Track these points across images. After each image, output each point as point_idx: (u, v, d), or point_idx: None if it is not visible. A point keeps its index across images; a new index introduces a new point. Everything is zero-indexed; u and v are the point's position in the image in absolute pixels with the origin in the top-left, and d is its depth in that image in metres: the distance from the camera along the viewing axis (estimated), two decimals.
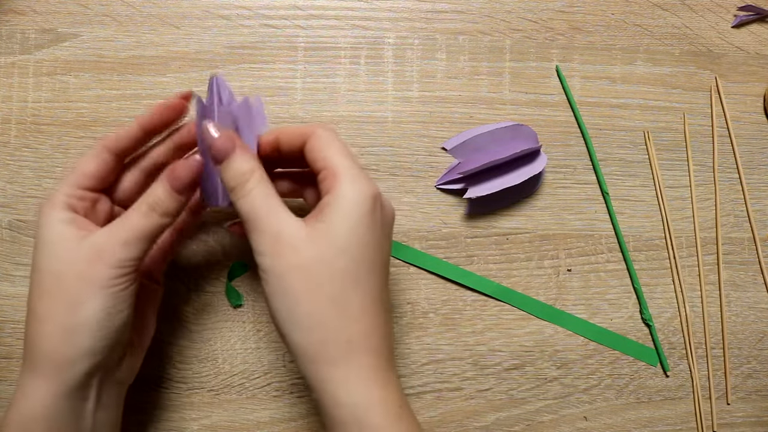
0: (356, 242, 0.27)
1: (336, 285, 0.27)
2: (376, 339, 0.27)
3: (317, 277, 0.26)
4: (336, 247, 0.26)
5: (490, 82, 0.40)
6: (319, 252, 0.26)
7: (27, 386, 0.27)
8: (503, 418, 0.39)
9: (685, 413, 0.39)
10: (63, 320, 0.27)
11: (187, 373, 0.38)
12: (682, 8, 0.42)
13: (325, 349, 0.26)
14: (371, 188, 0.28)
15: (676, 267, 0.40)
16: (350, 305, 0.27)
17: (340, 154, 0.28)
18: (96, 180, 0.30)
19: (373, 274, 0.28)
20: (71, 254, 0.27)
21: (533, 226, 0.40)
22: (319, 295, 0.26)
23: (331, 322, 0.26)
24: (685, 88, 0.41)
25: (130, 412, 0.36)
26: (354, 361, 0.27)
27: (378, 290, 0.28)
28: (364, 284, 0.27)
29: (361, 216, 0.27)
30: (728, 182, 0.41)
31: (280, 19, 0.40)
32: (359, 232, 0.27)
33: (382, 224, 0.28)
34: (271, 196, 0.28)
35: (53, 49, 0.39)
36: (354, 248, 0.27)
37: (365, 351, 0.27)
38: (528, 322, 0.39)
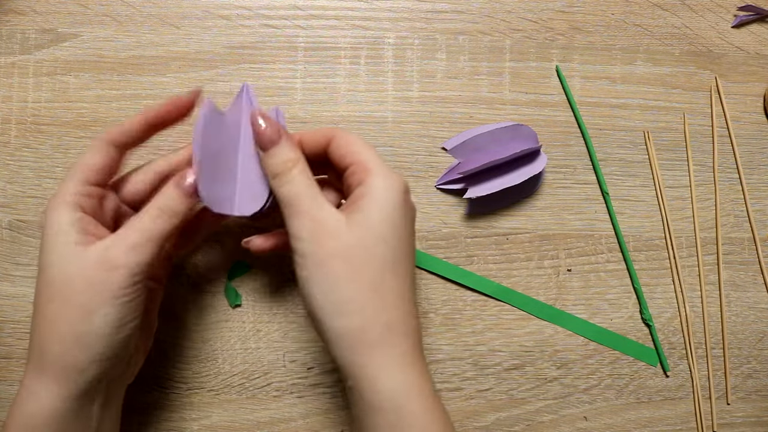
0: (392, 230, 0.28)
1: (376, 271, 0.27)
2: (411, 324, 0.28)
3: (358, 264, 0.27)
4: (374, 235, 0.27)
5: (490, 82, 0.40)
6: (358, 239, 0.27)
7: (34, 388, 0.27)
8: (503, 418, 0.39)
9: (685, 413, 0.39)
10: (75, 326, 0.27)
11: (187, 373, 0.38)
12: (682, 8, 0.42)
13: (364, 334, 0.27)
14: (402, 181, 0.29)
15: (676, 267, 0.40)
16: (389, 291, 0.28)
17: (368, 150, 0.29)
18: (102, 174, 0.29)
19: (407, 261, 0.29)
20: (81, 259, 0.27)
21: (533, 226, 0.40)
22: (359, 281, 0.27)
23: (370, 307, 0.27)
24: (685, 88, 0.41)
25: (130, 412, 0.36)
26: (392, 347, 0.27)
27: (411, 277, 0.29)
28: (400, 270, 0.28)
29: (395, 206, 0.28)
30: (728, 182, 0.41)
31: (280, 19, 0.40)
32: (395, 221, 0.28)
33: (411, 215, 0.30)
34: (313, 185, 0.29)
35: (53, 49, 0.39)
36: (390, 236, 0.28)
37: (403, 336, 0.28)
38: (528, 322, 0.39)
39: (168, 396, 0.38)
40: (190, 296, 0.38)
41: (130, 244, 0.27)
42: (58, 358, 0.27)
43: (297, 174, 0.29)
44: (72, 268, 0.27)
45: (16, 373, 0.37)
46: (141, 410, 0.37)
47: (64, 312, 0.27)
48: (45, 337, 0.27)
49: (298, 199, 0.28)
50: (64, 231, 0.27)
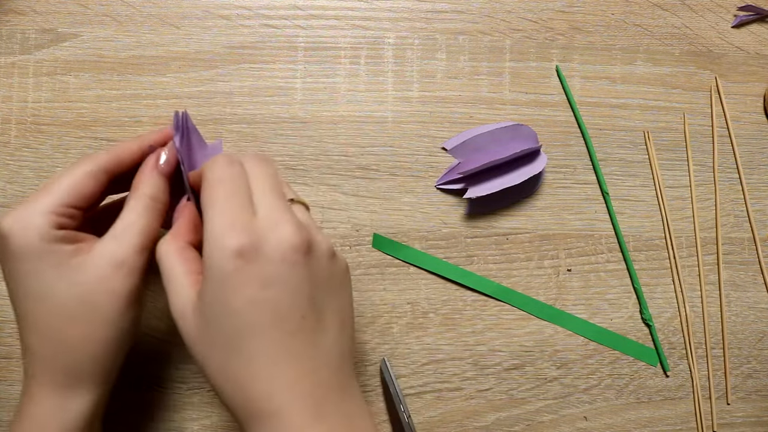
0: (223, 311, 0.24)
1: (218, 356, 0.25)
2: (279, 402, 0.24)
3: (203, 347, 0.25)
4: (206, 318, 0.24)
5: (490, 82, 0.40)
6: (197, 323, 0.25)
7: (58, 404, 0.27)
8: (503, 418, 0.39)
9: (685, 413, 0.39)
10: (104, 337, 0.27)
11: (187, 373, 0.38)
12: (682, 8, 0.42)
13: (234, 413, 0.25)
14: (233, 241, 0.24)
15: (676, 267, 0.40)
16: (238, 375, 0.24)
17: (213, 199, 0.25)
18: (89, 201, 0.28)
19: (257, 336, 0.24)
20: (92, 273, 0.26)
21: (533, 226, 0.40)
22: (210, 364, 0.25)
23: (227, 390, 0.25)
24: (685, 88, 0.41)
25: (130, 412, 0.36)
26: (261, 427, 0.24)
27: (274, 349, 0.24)
28: (247, 350, 0.24)
29: (221, 281, 0.24)
30: (728, 182, 0.41)
31: (280, 19, 0.40)
32: (223, 300, 0.24)
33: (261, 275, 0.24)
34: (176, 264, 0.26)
35: (53, 49, 0.39)
36: (222, 317, 0.24)
37: (268, 416, 0.24)
38: (528, 322, 0.39)
39: (168, 396, 0.38)
40: None
41: (138, 246, 0.27)
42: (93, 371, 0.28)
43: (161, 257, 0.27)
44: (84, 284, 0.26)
45: (16, 373, 0.37)
46: (141, 410, 0.37)
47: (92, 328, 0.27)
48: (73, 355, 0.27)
49: (163, 281, 0.26)
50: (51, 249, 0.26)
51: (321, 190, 0.39)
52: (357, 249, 0.39)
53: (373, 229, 0.39)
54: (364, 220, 0.39)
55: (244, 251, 0.24)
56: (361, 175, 0.39)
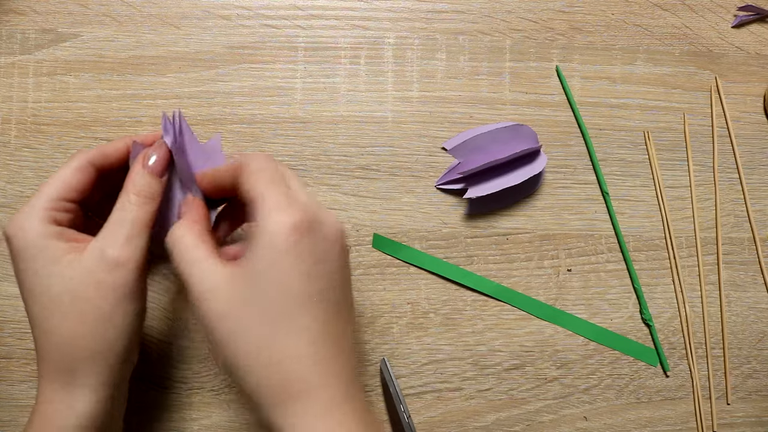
0: (276, 281, 0.25)
1: (259, 329, 0.25)
2: (317, 378, 0.25)
3: (241, 322, 0.25)
4: (254, 289, 0.25)
5: (490, 82, 0.40)
6: (239, 295, 0.25)
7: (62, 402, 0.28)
8: (503, 418, 0.39)
9: (685, 413, 0.39)
10: (99, 333, 0.27)
11: (187, 373, 0.38)
12: (682, 8, 0.42)
13: (262, 394, 0.25)
14: (291, 217, 0.25)
15: (676, 267, 0.40)
16: (280, 348, 0.25)
17: (264, 182, 0.26)
18: (78, 193, 0.29)
19: (302, 312, 0.25)
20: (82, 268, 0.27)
21: (533, 226, 0.40)
22: (246, 340, 0.25)
23: (262, 366, 0.25)
24: (685, 88, 0.41)
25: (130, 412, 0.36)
26: (295, 405, 0.24)
27: (316, 326, 0.25)
28: (293, 324, 0.25)
29: (278, 251, 0.25)
30: (728, 182, 0.41)
31: (280, 19, 0.40)
32: (279, 270, 0.25)
33: (317, 254, 0.25)
34: (197, 245, 0.27)
35: (53, 49, 0.39)
36: (274, 288, 0.25)
37: (305, 393, 0.25)
38: (528, 322, 0.39)
39: (168, 396, 0.38)
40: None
41: (124, 237, 0.27)
42: (91, 368, 0.28)
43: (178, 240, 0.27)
44: (74, 279, 0.27)
45: (16, 373, 0.37)
46: (141, 410, 0.37)
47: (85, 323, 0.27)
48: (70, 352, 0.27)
49: (180, 265, 0.27)
50: (46, 246, 0.27)
51: (321, 190, 0.39)
52: (357, 249, 0.39)
53: (373, 229, 0.39)
54: (364, 220, 0.39)
55: (301, 226, 0.25)
56: (361, 175, 0.39)
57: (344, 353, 0.26)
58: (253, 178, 0.27)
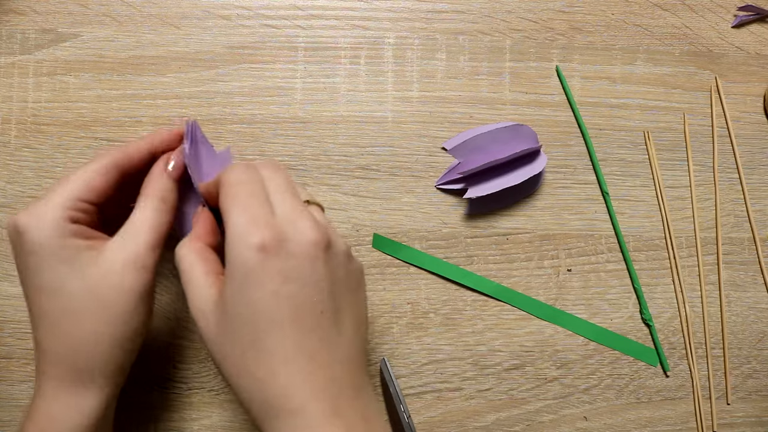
0: (244, 305, 0.24)
1: (236, 352, 0.25)
2: (299, 398, 0.24)
3: (222, 345, 0.25)
4: (227, 314, 0.25)
5: (490, 82, 0.40)
6: (217, 319, 0.25)
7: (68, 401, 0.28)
8: (503, 418, 0.39)
9: (685, 413, 0.39)
10: (114, 333, 0.27)
11: (187, 373, 0.38)
12: (682, 8, 0.42)
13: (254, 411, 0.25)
14: (256, 237, 0.24)
15: (676, 267, 0.40)
16: (256, 371, 0.25)
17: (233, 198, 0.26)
18: (100, 196, 0.29)
19: (276, 331, 0.24)
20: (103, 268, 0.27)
21: (533, 226, 0.40)
22: (229, 361, 0.25)
23: (246, 386, 0.25)
24: (685, 88, 0.41)
25: (130, 412, 0.36)
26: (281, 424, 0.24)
27: (291, 345, 0.25)
28: (266, 346, 0.25)
29: (244, 275, 0.24)
30: (728, 182, 0.41)
31: (280, 19, 0.40)
32: (245, 294, 0.24)
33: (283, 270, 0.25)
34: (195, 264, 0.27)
35: (53, 49, 0.39)
36: (243, 312, 0.24)
37: (288, 413, 0.24)
38: (528, 322, 0.39)
39: (168, 396, 0.38)
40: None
41: (149, 242, 0.28)
42: (102, 368, 0.28)
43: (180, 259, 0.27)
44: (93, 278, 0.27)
45: (16, 373, 0.37)
46: (141, 410, 0.37)
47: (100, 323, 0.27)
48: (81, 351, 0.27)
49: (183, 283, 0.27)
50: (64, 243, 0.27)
51: (321, 190, 0.39)
52: (357, 249, 0.39)
53: (373, 229, 0.39)
54: (364, 220, 0.39)
55: (267, 245, 0.24)
56: (361, 175, 0.39)
57: (327, 368, 0.25)
58: (225, 193, 0.26)
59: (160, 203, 0.28)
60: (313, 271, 0.25)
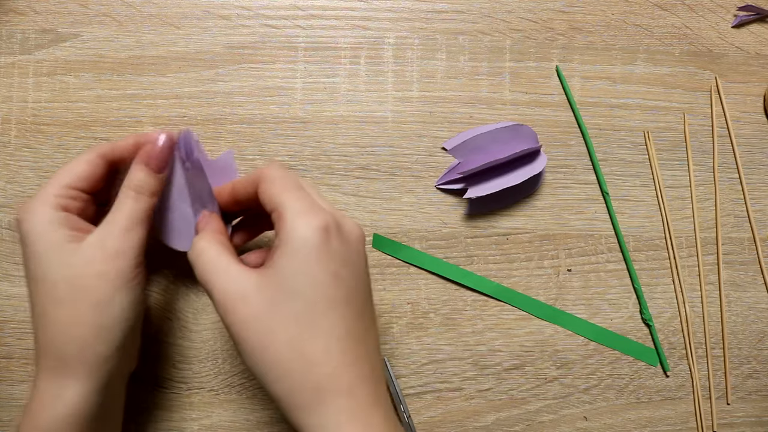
0: (305, 283, 0.25)
1: (291, 330, 0.25)
2: (348, 380, 0.25)
3: (271, 326, 0.25)
4: (285, 291, 0.25)
5: (490, 82, 0.40)
6: (267, 299, 0.25)
7: (55, 392, 0.28)
8: (503, 418, 0.39)
9: (685, 413, 0.39)
10: (93, 321, 0.27)
11: (187, 373, 0.38)
12: (682, 8, 0.42)
13: (295, 397, 0.25)
14: (318, 220, 0.26)
15: (676, 267, 0.40)
16: (311, 349, 0.25)
17: (287, 189, 0.27)
18: (87, 182, 0.29)
19: (333, 310, 0.26)
20: (80, 256, 0.27)
21: (533, 226, 0.40)
22: (276, 344, 0.25)
23: (294, 369, 0.25)
24: (685, 88, 0.41)
25: (130, 412, 0.36)
26: (327, 407, 0.25)
27: (344, 327, 0.26)
28: (323, 324, 0.25)
29: (308, 254, 0.25)
30: (728, 182, 0.41)
31: (280, 19, 0.40)
32: (308, 272, 0.25)
33: (343, 255, 0.26)
34: (221, 254, 0.27)
35: (53, 49, 0.39)
36: (303, 290, 0.25)
37: (337, 394, 0.25)
38: (528, 322, 0.39)
39: (168, 396, 0.38)
40: (190, 296, 0.38)
41: (122, 228, 0.28)
42: (79, 356, 0.27)
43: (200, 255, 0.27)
44: (74, 267, 0.27)
45: (16, 373, 0.37)
46: (141, 410, 0.37)
47: (79, 312, 0.27)
48: (59, 339, 0.28)
49: (206, 275, 0.27)
50: (51, 232, 0.27)
51: (321, 190, 0.39)
52: None
53: (373, 229, 0.39)
54: (364, 220, 0.39)
55: (329, 228, 0.26)
56: (361, 175, 0.39)
57: (370, 356, 0.27)
58: (275, 185, 0.27)
59: (133, 193, 0.29)
60: (360, 261, 0.28)
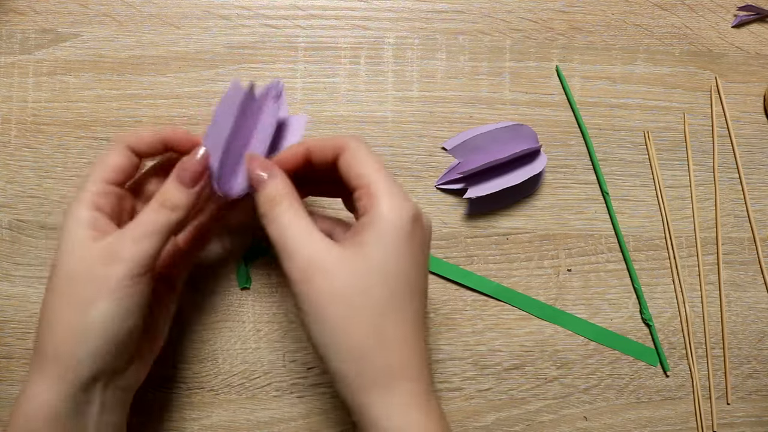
0: (395, 268, 0.26)
1: (375, 313, 0.25)
2: (416, 366, 0.26)
3: (354, 305, 0.25)
4: (373, 274, 0.26)
5: (490, 82, 0.40)
6: (354, 278, 0.25)
7: (33, 387, 0.27)
8: (503, 418, 0.39)
9: (685, 413, 0.39)
10: (72, 320, 0.27)
11: (187, 373, 0.38)
12: (682, 8, 0.42)
13: (362, 379, 0.26)
14: (411, 209, 0.26)
15: (676, 267, 0.40)
16: (390, 334, 0.26)
17: (377, 170, 0.27)
18: (120, 174, 0.29)
19: (412, 300, 0.27)
20: (85, 254, 0.27)
21: (533, 226, 0.40)
22: (357, 324, 0.25)
23: (370, 351, 0.25)
24: (685, 88, 0.41)
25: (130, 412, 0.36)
26: (394, 388, 0.26)
27: (418, 317, 0.27)
28: (404, 312, 0.26)
29: (399, 240, 0.26)
30: (728, 182, 0.41)
31: (280, 19, 0.40)
32: (398, 258, 0.26)
33: (424, 245, 0.27)
34: (302, 219, 0.27)
35: (53, 49, 0.39)
36: (392, 275, 0.26)
37: (406, 378, 0.26)
38: (528, 322, 0.39)
39: (168, 396, 0.38)
40: (190, 296, 0.38)
41: (132, 237, 0.27)
42: (55, 355, 0.27)
43: (282, 212, 0.27)
44: (76, 264, 0.27)
45: (17, 373, 0.37)
46: (141, 410, 0.37)
47: (64, 308, 0.27)
48: (44, 335, 0.28)
49: (285, 239, 0.26)
50: (76, 231, 0.28)
51: None
52: None
53: None
54: None
55: (418, 217, 0.27)
56: None
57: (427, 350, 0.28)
58: (366, 162, 0.27)
59: (158, 205, 0.28)
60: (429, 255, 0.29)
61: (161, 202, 0.28)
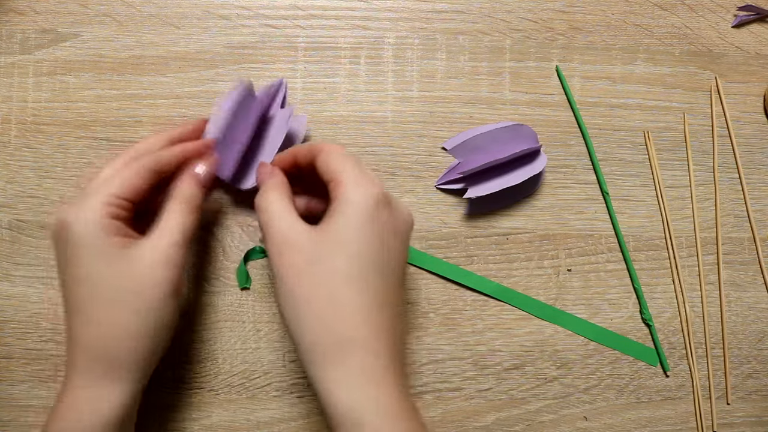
0: (356, 245, 0.27)
1: (335, 284, 0.27)
2: (376, 341, 0.27)
3: (317, 277, 0.27)
4: (337, 247, 0.27)
5: (490, 82, 0.40)
6: (320, 252, 0.27)
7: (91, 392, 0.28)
8: (503, 418, 0.39)
9: (685, 413, 0.39)
10: (143, 324, 0.28)
11: (187, 373, 0.38)
12: (682, 8, 0.42)
13: (322, 349, 0.27)
14: (374, 189, 0.28)
15: (676, 267, 0.40)
16: (349, 305, 0.27)
17: (344, 162, 0.30)
18: (136, 194, 0.30)
19: (379, 275, 0.28)
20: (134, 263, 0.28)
21: (533, 226, 0.40)
22: (318, 295, 0.27)
23: (328, 321, 0.27)
24: (685, 88, 0.41)
25: None
26: (351, 362, 0.26)
27: (384, 293, 0.28)
28: (367, 284, 0.27)
29: (363, 219, 0.28)
30: (728, 182, 0.41)
31: (280, 19, 0.40)
32: (360, 235, 0.27)
33: (393, 226, 0.29)
34: (285, 204, 0.30)
35: (53, 49, 0.39)
36: (355, 251, 0.27)
37: (364, 352, 0.27)
38: (528, 322, 0.39)
39: (168, 396, 0.38)
40: (189, 296, 0.38)
41: (173, 240, 0.29)
42: (131, 356, 0.29)
43: (270, 202, 0.30)
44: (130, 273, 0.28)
45: (16, 373, 0.37)
46: (141, 410, 0.37)
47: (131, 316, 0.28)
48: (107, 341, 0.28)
49: (269, 222, 0.29)
50: (102, 237, 0.28)
51: None
52: None
53: None
54: None
55: (382, 199, 0.28)
56: None
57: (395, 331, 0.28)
58: (334, 157, 0.30)
59: (186, 206, 0.31)
60: (405, 243, 0.30)
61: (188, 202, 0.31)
